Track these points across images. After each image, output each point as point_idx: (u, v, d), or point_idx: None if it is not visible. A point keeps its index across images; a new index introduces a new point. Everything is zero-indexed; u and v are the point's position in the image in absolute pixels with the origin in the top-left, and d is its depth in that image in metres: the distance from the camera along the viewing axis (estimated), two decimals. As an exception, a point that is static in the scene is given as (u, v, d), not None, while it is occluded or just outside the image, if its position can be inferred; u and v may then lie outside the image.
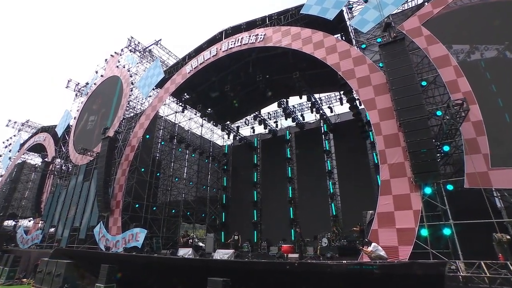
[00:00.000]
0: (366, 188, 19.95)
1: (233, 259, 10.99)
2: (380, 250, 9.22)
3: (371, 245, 9.41)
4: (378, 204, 10.64)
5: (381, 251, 9.21)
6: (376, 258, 9.01)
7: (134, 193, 20.08)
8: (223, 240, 24.94)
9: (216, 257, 12.60)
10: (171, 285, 10.99)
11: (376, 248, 9.25)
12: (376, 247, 9.28)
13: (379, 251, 9.19)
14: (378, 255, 9.09)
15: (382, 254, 9.10)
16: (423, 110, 10.02)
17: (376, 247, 9.28)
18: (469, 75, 10.33)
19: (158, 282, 11.99)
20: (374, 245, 9.37)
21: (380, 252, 9.17)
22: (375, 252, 9.18)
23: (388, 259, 9.45)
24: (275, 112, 25.64)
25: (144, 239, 16.40)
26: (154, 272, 12.35)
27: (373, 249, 9.24)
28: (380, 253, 9.13)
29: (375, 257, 9.04)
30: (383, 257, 9.06)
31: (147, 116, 20.33)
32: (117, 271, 11.82)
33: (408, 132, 10.02)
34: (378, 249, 9.25)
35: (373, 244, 9.39)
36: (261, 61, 20.10)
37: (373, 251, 9.20)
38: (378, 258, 8.98)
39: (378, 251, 9.20)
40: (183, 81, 19.53)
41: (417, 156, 9.75)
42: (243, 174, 26.40)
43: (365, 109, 12.14)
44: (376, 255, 9.08)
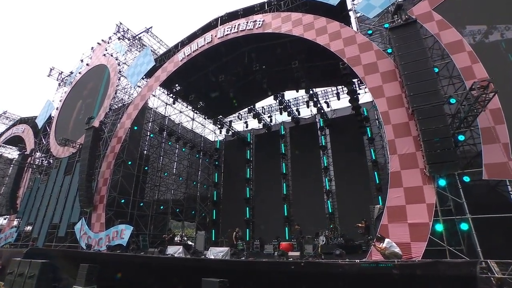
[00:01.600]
0: (363, 185, 19.20)
1: (231, 259, 9.81)
2: (394, 247, 8.26)
3: (385, 241, 8.44)
4: (388, 197, 9.72)
5: (396, 247, 8.26)
6: (391, 256, 8.04)
7: (120, 188, 18.59)
8: (214, 239, 23.68)
9: (210, 256, 11.40)
10: (160, 286, 9.72)
11: (390, 244, 8.29)
12: (390, 243, 8.33)
13: (393, 248, 8.23)
14: (393, 252, 8.13)
15: (397, 251, 8.15)
16: (438, 95, 9.16)
17: (390, 243, 8.33)
18: (487, 58, 9.57)
19: (145, 283, 10.69)
20: (388, 241, 8.42)
21: (395, 249, 8.22)
22: (389, 249, 8.22)
23: (403, 257, 8.54)
24: (270, 106, 24.58)
25: (129, 237, 15.00)
26: (141, 271, 11.04)
27: (387, 245, 8.29)
28: (395, 250, 8.18)
29: (390, 255, 8.08)
30: (398, 254, 8.11)
31: (135, 106, 18.86)
32: (99, 271, 10.46)
33: (422, 120, 9.14)
34: (393, 245, 8.29)
35: (387, 240, 8.43)
36: (258, 52, 18.96)
37: (387, 247, 8.24)
38: (393, 256, 8.02)
39: (393, 247, 8.24)
40: (175, 69, 18.21)
41: (432, 145, 8.87)
42: (235, 170, 25.20)
43: (372, 97, 11.24)
44: (390, 252, 8.12)
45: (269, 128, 24.25)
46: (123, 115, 19.14)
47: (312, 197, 20.77)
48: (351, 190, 19.44)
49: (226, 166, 26.37)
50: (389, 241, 8.39)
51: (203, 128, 27.68)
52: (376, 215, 10.23)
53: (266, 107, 24.70)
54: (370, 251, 9.43)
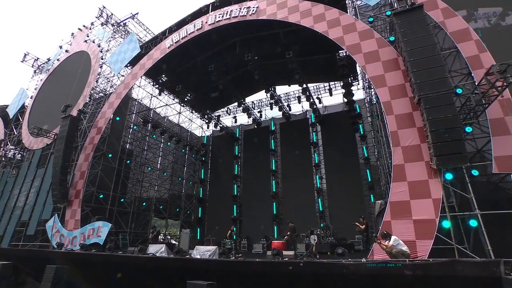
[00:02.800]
0: (354, 183, 18.58)
1: (220, 258, 8.72)
2: (402, 245, 7.46)
3: (391, 238, 7.63)
4: (391, 192, 8.95)
5: (403, 245, 7.46)
6: (398, 255, 7.23)
7: (99, 182, 17.12)
8: (198, 237, 22.44)
9: (195, 256, 10.27)
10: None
11: (397, 242, 7.48)
12: (397, 241, 7.51)
13: (401, 246, 7.42)
14: (400, 250, 7.32)
15: (405, 250, 7.35)
16: (447, 83, 8.47)
17: (397, 241, 7.51)
18: (502, 42, 8.99)
19: (122, 286, 9.43)
20: (395, 238, 7.60)
21: (402, 247, 7.42)
22: (397, 247, 7.41)
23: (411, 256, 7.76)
24: (260, 101, 23.60)
25: (107, 235, 13.62)
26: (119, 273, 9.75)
27: (394, 243, 7.47)
28: (402, 248, 7.38)
29: (397, 254, 7.26)
30: (407, 253, 7.31)
31: (118, 95, 17.39)
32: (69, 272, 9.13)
33: (430, 109, 8.41)
34: (400, 243, 7.48)
35: (393, 238, 7.61)
36: (250, 43, 17.95)
37: (393, 245, 7.43)
38: (401, 255, 7.21)
39: (400, 245, 7.43)
40: (162, 56, 16.91)
41: (439, 136, 8.14)
42: (222, 167, 24.05)
43: (374, 86, 10.49)
44: (398, 251, 7.31)
45: (258, 123, 23.27)
46: (104, 104, 17.62)
47: (302, 195, 19.94)
48: (342, 188, 18.77)
49: (213, 162, 25.13)
50: (396, 238, 7.59)
51: (190, 122, 26.39)
52: (378, 211, 9.43)
53: (256, 102, 23.71)
54: (372, 250, 8.61)
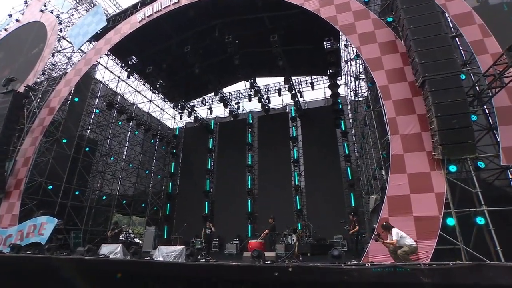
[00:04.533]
0: (334, 181, 17.55)
1: (187, 261, 6.91)
2: (406, 238, 6.20)
3: (392, 231, 6.37)
4: (389, 185, 7.73)
5: (409, 238, 6.21)
6: (405, 256, 5.94)
7: (50, 172, 14.47)
8: (166, 236, 20.17)
9: (158, 257, 8.37)
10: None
11: (399, 235, 6.22)
12: (399, 234, 6.23)
13: (404, 240, 6.15)
14: (405, 245, 6.04)
15: (410, 243, 6.08)
16: (454, 64, 7.43)
17: (399, 234, 6.23)
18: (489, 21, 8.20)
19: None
20: (396, 231, 6.35)
21: (407, 240, 6.15)
22: (400, 241, 6.13)
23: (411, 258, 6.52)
24: (238, 92, 21.90)
25: (52, 232, 11.17)
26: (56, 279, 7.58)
27: (397, 237, 6.19)
28: (406, 242, 6.10)
29: (403, 255, 5.97)
30: (413, 247, 6.03)
31: (77, 72, 14.82)
32: None
33: (435, 91, 7.32)
34: (403, 236, 6.23)
35: (395, 231, 6.35)
36: (231, 27, 16.19)
37: (397, 240, 6.14)
38: (405, 255, 5.92)
39: (404, 239, 6.17)
40: (132, 31, 14.67)
41: (446, 122, 7.05)
42: (195, 160, 21.96)
43: (370, 69, 9.27)
44: (402, 250, 6.01)
45: (235, 115, 21.55)
46: (60, 81, 14.95)
47: (279, 192, 18.53)
48: (321, 185, 17.62)
49: (185, 155, 22.93)
50: (398, 231, 6.33)
51: (162, 112, 24.02)
52: (372, 207, 8.17)
53: (234, 93, 21.98)
54: (366, 251, 7.30)
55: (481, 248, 6.93)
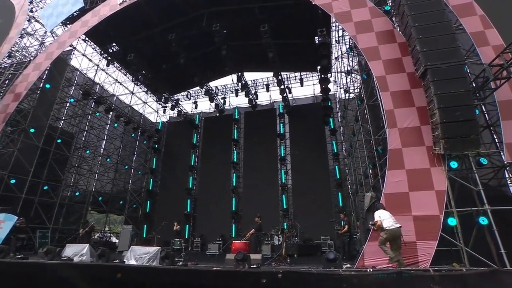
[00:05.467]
0: (322, 180, 16.93)
1: (161, 265, 5.93)
2: (386, 220, 5.88)
3: (375, 214, 6.12)
4: (386, 182, 7.07)
5: (388, 220, 5.86)
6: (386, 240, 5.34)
7: (15, 164, 12.99)
8: (145, 235, 18.87)
9: (130, 260, 7.34)
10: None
11: (379, 215, 5.99)
12: (379, 216, 5.99)
13: (384, 223, 5.83)
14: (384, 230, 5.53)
15: (388, 226, 5.76)
16: (458, 53, 6.88)
17: (379, 216, 5.99)
18: None
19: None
20: (378, 213, 6.10)
21: (385, 223, 5.82)
22: (387, 227, 5.74)
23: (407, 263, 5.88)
24: (224, 86, 20.91)
25: (10, 231, 9.81)
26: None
27: (378, 218, 5.99)
28: (385, 225, 5.79)
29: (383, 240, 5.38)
30: (392, 230, 5.70)
31: (48, 55, 13.42)
32: None
33: (438, 82, 6.74)
34: (385, 218, 5.92)
35: (377, 213, 6.12)
36: (220, 17, 15.24)
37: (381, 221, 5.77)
38: (390, 237, 5.38)
39: (384, 221, 5.86)
40: (111, 13, 13.40)
41: (449, 114, 6.48)
42: (178, 156, 20.77)
43: (366, 59, 8.63)
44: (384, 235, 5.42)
45: (221, 111, 20.56)
46: (28, 65, 13.48)
47: (265, 191, 17.71)
48: (308, 184, 16.95)
49: (167, 150, 21.66)
50: (380, 213, 6.07)
51: (144, 105, 22.68)
52: (368, 206, 7.49)
53: (220, 88, 20.97)
54: (362, 253, 6.59)
55: (480, 249, 6.41)
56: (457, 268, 4.82)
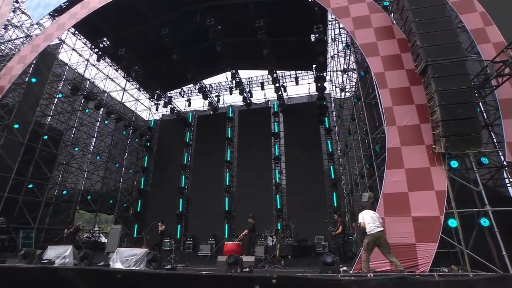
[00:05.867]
0: (316, 180, 16.64)
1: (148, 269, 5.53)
2: (369, 224, 5.80)
3: (359, 216, 6.16)
4: (385, 182, 6.78)
5: (370, 224, 5.79)
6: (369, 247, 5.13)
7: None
8: (136, 235, 18.32)
9: (115, 263, 6.92)
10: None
11: (367, 220, 5.88)
12: (366, 218, 5.93)
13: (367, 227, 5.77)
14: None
15: (369, 231, 5.71)
16: (459, 49, 6.64)
17: (366, 218, 5.93)
18: None
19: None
20: (361, 215, 6.11)
21: (367, 226, 5.78)
22: (368, 232, 5.72)
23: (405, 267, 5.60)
24: (218, 84, 20.50)
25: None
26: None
27: (362, 219, 6.00)
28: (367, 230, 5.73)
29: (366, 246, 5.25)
30: (373, 235, 5.63)
31: (34, 47, 12.81)
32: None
33: (439, 78, 6.48)
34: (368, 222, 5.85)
35: (361, 215, 6.13)
36: (214, 11, 14.83)
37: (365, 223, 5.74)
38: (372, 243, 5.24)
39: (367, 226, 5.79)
40: (102, 5, 12.84)
41: (451, 112, 6.23)
42: (170, 154, 20.27)
43: (364, 55, 8.35)
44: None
45: (215, 109, 20.13)
46: (12, 57, 12.86)
47: (259, 190, 17.36)
48: (303, 184, 16.65)
49: (159, 149, 21.13)
50: (363, 214, 6.10)
51: (136, 102, 22.10)
52: (365, 206, 7.18)
53: (214, 85, 20.54)
54: (359, 255, 6.29)
55: (479, 251, 6.18)
56: (464, 274, 4.55)
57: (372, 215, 6.04)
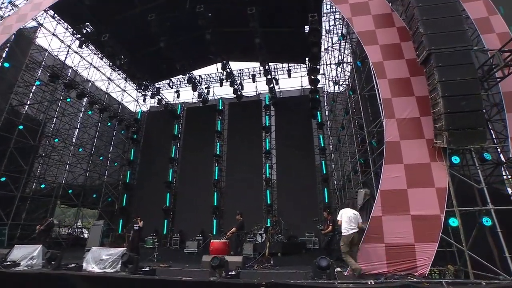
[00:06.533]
0: (308, 175, 16.21)
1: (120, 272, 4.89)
2: (347, 223, 5.87)
3: (339, 213, 6.30)
4: (383, 177, 6.31)
5: (347, 224, 5.88)
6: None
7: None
8: (121, 231, 17.52)
9: (89, 265, 6.26)
10: None
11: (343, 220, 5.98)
12: (344, 217, 6.00)
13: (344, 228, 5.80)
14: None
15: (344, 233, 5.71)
16: (465, 37, 6.16)
17: (344, 217, 6.00)
18: None
19: None
20: (341, 212, 6.22)
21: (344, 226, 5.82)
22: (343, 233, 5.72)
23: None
24: (208, 76, 19.67)
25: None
26: None
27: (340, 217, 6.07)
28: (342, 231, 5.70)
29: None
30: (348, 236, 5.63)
31: (5, 29, 11.70)
32: None
33: (443, 68, 5.99)
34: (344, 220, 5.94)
35: (340, 212, 6.26)
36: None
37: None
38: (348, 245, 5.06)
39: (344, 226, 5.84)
40: (81, -14, 11.84)
41: (454, 104, 5.77)
42: (157, 147, 19.37)
43: (362, 43, 7.79)
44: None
45: (205, 101, 19.32)
46: (-17, 40, 11.72)
47: (249, 185, 16.78)
48: (294, 179, 16.17)
49: (146, 141, 20.21)
50: (342, 212, 6.19)
51: (122, 93, 21.05)
52: (361, 203, 6.71)
53: (204, 77, 19.70)
54: (355, 256, 5.81)
55: (478, 252, 5.80)
56: (475, 281, 4.14)
57: (350, 216, 6.01)
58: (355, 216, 6.06)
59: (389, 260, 5.65)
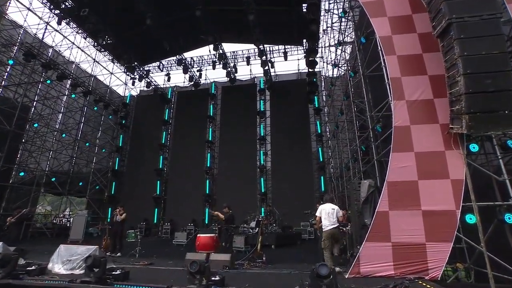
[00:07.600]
0: (303, 162, 15.41)
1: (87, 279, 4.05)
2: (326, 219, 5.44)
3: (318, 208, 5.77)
4: (390, 168, 5.47)
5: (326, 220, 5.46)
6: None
7: None
8: (109, 220, 16.71)
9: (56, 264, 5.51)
10: None
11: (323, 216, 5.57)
12: (324, 213, 5.63)
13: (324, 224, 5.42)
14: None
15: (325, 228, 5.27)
16: (493, 4, 5.17)
17: (324, 213, 5.63)
18: None
19: None
20: (320, 207, 5.83)
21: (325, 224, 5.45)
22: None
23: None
24: (200, 58, 18.39)
25: None
26: None
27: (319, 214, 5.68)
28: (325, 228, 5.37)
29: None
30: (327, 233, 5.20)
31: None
32: None
33: (465, 40, 5.03)
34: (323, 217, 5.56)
35: (320, 208, 5.81)
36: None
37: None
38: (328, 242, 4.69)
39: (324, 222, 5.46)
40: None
41: (478, 82, 4.86)
42: (147, 133, 18.37)
43: (368, 15, 6.75)
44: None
45: (197, 84, 18.16)
46: None
47: (242, 173, 15.96)
48: (289, 167, 15.38)
49: (136, 127, 19.14)
50: (321, 208, 5.79)
51: (111, 76, 19.71)
52: (364, 196, 5.89)
53: (196, 59, 18.42)
54: (357, 256, 5.05)
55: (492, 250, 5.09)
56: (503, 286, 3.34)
57: (329, 211, 5.59)
58: (334, 211, 5.58)
59: (396, 261, 4.91)
